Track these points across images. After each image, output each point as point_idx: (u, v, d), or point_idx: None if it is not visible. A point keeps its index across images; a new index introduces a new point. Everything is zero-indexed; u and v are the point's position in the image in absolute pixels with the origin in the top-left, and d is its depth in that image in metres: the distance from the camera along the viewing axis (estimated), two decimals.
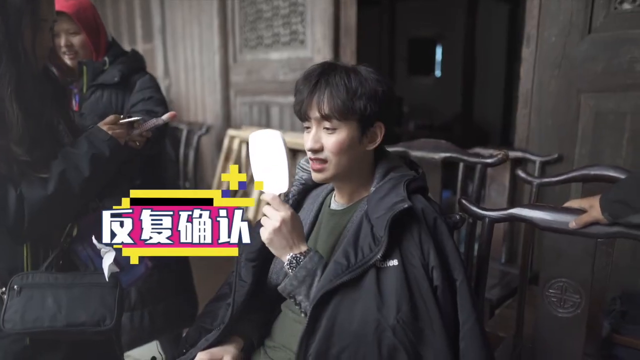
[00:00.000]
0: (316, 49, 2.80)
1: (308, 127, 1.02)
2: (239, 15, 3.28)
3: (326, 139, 0.99)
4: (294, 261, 0.95)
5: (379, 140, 1.02)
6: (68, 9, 1.52)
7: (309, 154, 1.02)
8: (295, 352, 0.96)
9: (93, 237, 1.04)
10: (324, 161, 1.00)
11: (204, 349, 1.04)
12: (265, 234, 0.96)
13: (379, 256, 0.89)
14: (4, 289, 1.05)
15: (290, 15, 2.95)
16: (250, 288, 1.04)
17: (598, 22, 1.80)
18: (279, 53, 3.05)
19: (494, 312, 1.79)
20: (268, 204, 0.98)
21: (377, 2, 5.81)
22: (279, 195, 0.98)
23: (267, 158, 1.00)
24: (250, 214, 2.89)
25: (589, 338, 1.10)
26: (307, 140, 1.01)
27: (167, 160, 1.86)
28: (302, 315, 0.95)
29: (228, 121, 3.45)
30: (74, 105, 1.61)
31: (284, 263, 0.96)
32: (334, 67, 1.00)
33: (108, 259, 1.04)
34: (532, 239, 1.24)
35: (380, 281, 0.89)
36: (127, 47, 1.72)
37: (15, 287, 1.04)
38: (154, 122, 1.25)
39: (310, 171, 1.13)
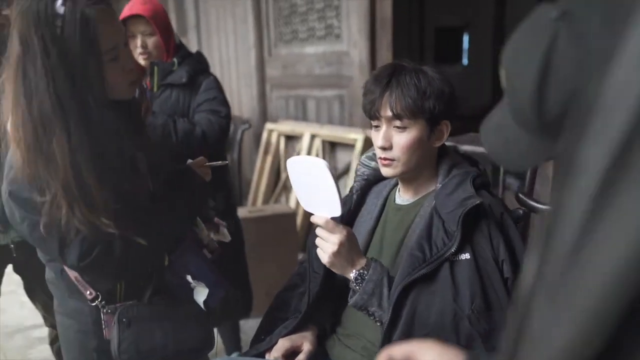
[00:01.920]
0: (352, 42, 2.83)
1: (377, 126, 1.06)
2: (273, 9, 3.33)
3: (397, 137, 1.03)
4: (359, 277, 0.98)
5: (445, 137, 1.07)
6: (145, 12, 1.63)
7: (379, 152, 1.06)
8: (369, 339, 1.03)
9: (186, 274, 1.12)
10: (393, 159, 1.04)
11: (282, 336, 1.11)
12: (325, 257, 0.98)
13: (453, 250, 0.94)
14: (99, 299, 1.09)
15: (325, 10, 2.98)
16: (323, 279, 1.10)
17: None
18: (315, 47, 3.09)
19: None
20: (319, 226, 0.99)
21: None
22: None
23: (313, 185, 0.97)
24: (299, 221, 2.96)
25: None
26: (376, 138, 1.06)
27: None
28: (377, 324, 0.99)
29: (264, 115, 3.52)
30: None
31: (350, 280, 0.99)
32: (403, 67, 1.05)
33: (202, 294, 1.12)
34: None
35: (454, 274, 0.94)
36: None
37: (124, 320, 1.08)
38: (219, 163, 1.29)
39: (371, 167, 1.18)
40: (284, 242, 2.41)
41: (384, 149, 1.04)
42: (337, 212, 0.96)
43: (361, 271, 0.99)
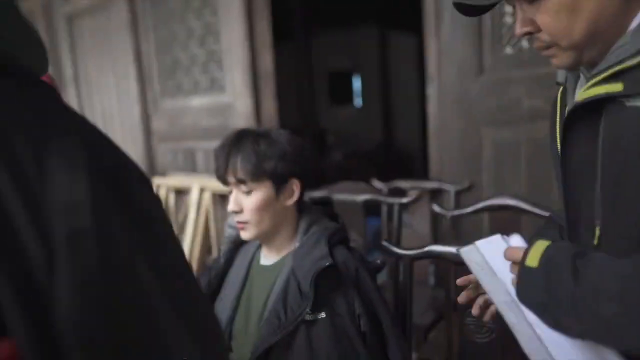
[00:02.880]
0: (236, 94, 2.86)
1: (230, 190, 1.09)
2: (155, 63, 3.28)
3: (245, 200, 1.07)
4: None
5: (295, 195, 1.10)
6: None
7: (234, 216, 1.09)
8: None
9: None
10: (246, 222, 1.07)
11: None
12: None
13: (307, 311, 0.95)
14: None
15: (208, 63, 3.00)
16: None
17: (487, 65, 2.02)
18: (200, 99, 3.08)
19: (426, 336, 1.89)
20: None
21: (292, 37, 6.01)
22: None
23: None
24: None
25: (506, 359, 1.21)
26: (229, 203, 1.09)
27: None
28: None
29: (152, 169, 3.40)
30: None
31: None
32: (246, 134, 1.09)
33: None
34: (453, 268, 1.35)
35: (311, 335, 0.95)
36: None
37: None
38: None
39: (237, 228, 1.18)
40: None
41: (235, 212, 1.08)
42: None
43: None
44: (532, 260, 0.69)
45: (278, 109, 2.89)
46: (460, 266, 1.21)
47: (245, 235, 1.09)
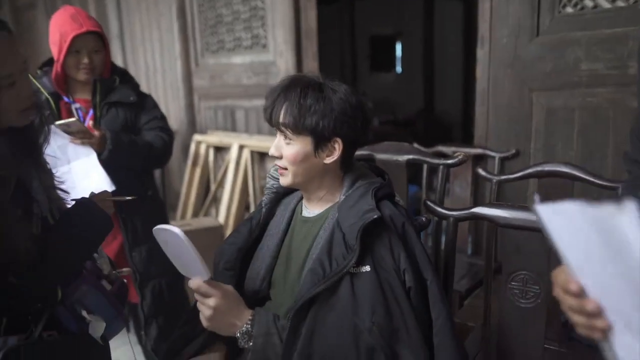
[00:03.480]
0: (278, 52, 2.82)
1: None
2: (198, 19, 3.27)
3: (285, 148, 1.05)
4: (246, 335, 0.97)
5: (336, 154, 1.04)
6: (97, 27, 1.64)
7: (275, 164, 1.09)
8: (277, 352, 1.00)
9: (81, 309, 1.05)
10: (284, 168, 1.07)
11: (191, 355, 1.06)
12: (204, 322, 0.98)
13: (352, 263, 0.94)
14: None
15: (251, 20, 2.96)
16: None
17: (545, 25, 1.91)
18: (242, 57, 3.06)
19: (463, 302, 1.88)
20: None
21: (336, 0, 5.88)
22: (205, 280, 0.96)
23: (178, 252, 0.95)
24: (222, 217, 2.90)
25: (549, 325, 1.19)
26: (272, 146, 1.09)
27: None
28: None
29: (193, 126, 3.44)
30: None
31: (239, 341, 0.97)
32: (297, 82, 1.04)
33: (99, 329, 1.06)
34: (494, 234, 1.32)
35: (355, 287, 0.94)
36: None
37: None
38: (124, 198, 1.27)
39: (278, 179, 1.17)
40: (210, 256, 2.34)
41: (274, 157, 1.08)
42: (206, 275, 0.94)
43: (246, 328, 0.97)
44: None
45: (319, 69, 2.84)
46: (506, 229, 1.18)
47: (282, 180, 1.09)
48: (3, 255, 0.90)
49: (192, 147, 3.26)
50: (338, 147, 1.04)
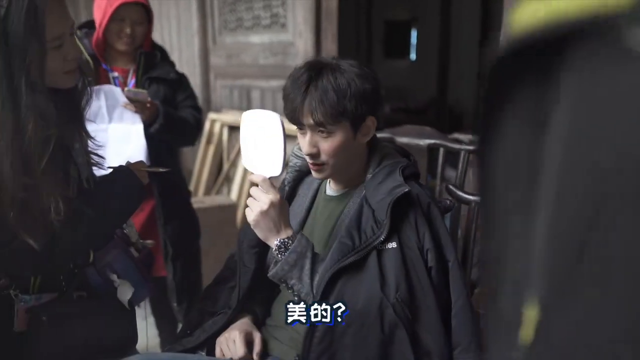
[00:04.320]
0: (297, 32, 2.80)
1: (302, 130, 1.03)
2: None
3: (323, 143, 1.00)
4: (283, 246, 0.97)
5: (371, 132, 1.05)
6: None
7: (307, 158, 1.04)
8: (296, 330, 1.02)
9: (110, 272, 1.08)
10: (322, 163, 1.02)
11: (213, 333, 1.08)
12: (251, 215, 0.97)
13: (382, 238, 0.95)
14: (13, 288, 1.01)
15: None
16: (254, 273, 1.08)
17: None
18: (260, 36, 3.04)
19: (473, 291, 1.88)
20: (256, 185, 0.99)
21: None
22: (269, 178, 0.98)
23: (262, 140, 0.98)
24: (234, 194, 2.91)
25: None
26: (303, 144, 1.03)
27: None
28: (296, 298, 0.98)
29: (208, 104, 3.44)
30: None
31: (272, 248, 0.98)
32: (320, 68, 0.99)
33: (126, 293, 1.08)
34: None
35: (382, 262, 0.95)
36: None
37: (41, 314, 1.00)
38: (159, 169, 1.29)
39: (302, 157, 1.17)
40: (224, 234, 2.36)
41: (311, 155, 1.02)
42: (277, 171, 0.97)
43: (285, 240, 0.97)
44: None
45: (338, 52, 2.82)
46: None
47: (320, 175, 1.05)
48: (37, 214, 0.91)
49: (207, 125, 3.26)
50: (372, 124, 1.03)
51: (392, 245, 0.96)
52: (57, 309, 1.02)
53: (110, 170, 1.13)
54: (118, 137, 1.56)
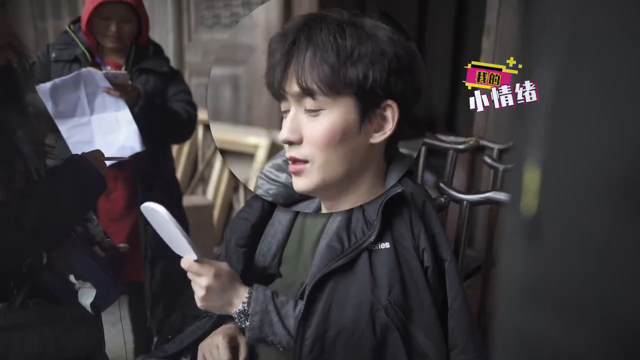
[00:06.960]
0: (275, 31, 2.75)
1: (286, 111, 0.80)
2: None
3: (308, 125, 0.75)
4: (242, 315, 0.91)
5: (389, 128, 0.77)
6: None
7: (285, 148, 0.82)
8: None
9: (70, 275, 0.99)
10: (305, 161, 0.79)
11: (196, 338, 1.01)
12: (198, 302, 0.91)
13: (372, 239, 0.89)
14: None
15: None
16: (241, 274, 1.03)
17: None
18: None
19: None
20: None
21: None
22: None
23: (166, 230, 0.89)
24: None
25: None
26: (282, 128, 0.78)
27: None
28: (281, 349, 0.92)
29: None
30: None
31: (235, 319, 0.91)
32: (322, 18, 0.72)
33: (88, 297, 0.99)
34: (496, 222, 1.30)
35: (373, 264, 0.90)
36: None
37: None
38: (118, 158, 1.29)
39: (279, 182, 1.07)
40: (200, 235, 2.29)
41: (289, 143, 0.76)
42: (194, 255, 0.88)
43: (242, 308, 0.90)
44: None
45: None
46: None
47: (300, 184, 0.82)
48: None
49: None
50: (392, 114, 0.74)
51: (385, 245, 0.91)
52: (7, 320, 0.92)
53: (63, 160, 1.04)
54: (104, 128, 1.48)
